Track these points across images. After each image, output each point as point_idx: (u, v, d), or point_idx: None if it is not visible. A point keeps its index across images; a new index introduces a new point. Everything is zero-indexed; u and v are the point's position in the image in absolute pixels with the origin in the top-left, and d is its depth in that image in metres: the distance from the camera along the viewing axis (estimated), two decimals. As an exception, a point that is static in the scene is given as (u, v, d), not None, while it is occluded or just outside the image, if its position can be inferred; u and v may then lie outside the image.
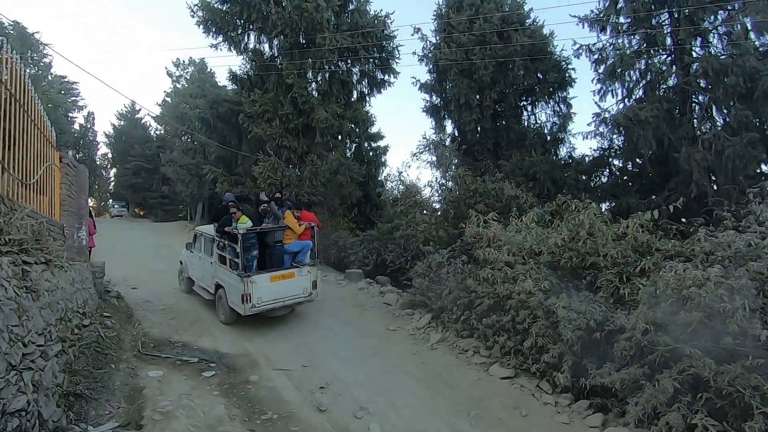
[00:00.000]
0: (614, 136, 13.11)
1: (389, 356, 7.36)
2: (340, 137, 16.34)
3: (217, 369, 6.36)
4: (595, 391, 5.36)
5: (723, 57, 10.53)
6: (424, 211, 12.77)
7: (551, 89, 14.96)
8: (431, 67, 15.79)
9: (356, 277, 11.80)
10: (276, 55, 15.70)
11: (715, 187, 10.81)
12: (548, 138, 14.94)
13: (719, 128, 10.57)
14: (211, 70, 29.68)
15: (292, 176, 14.56)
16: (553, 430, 5.17)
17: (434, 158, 13.08)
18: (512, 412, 5.58)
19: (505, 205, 10.32)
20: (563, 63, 14.54)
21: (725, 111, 10.80)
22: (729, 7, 10.31)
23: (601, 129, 12.47)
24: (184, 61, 32.14)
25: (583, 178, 14.04)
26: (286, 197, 11.97)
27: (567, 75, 14.73)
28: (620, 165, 13.83)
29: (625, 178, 13.95)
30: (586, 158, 14.31)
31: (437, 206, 12.95)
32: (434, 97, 16.29)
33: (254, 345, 7.53)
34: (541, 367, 6.04)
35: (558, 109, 15.22)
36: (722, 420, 4.12)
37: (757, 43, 10.47)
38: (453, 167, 12.65)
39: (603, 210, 11.41)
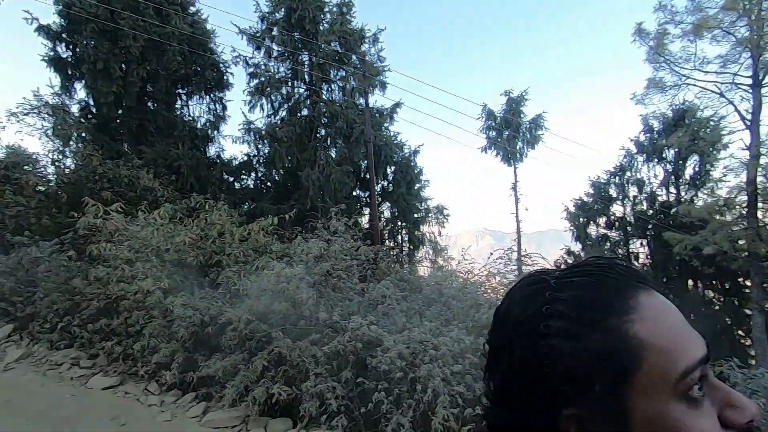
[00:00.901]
0: (260, 146, 14.64)
1: None
2: None
3: None
4: (204, 382, 5.72)
5: (338, 105, 13.86)
6: (24, 192, 9.78)
7: (209, 86, 15.00)
8: (61, 9, 12.45)
9: None
10: None
11: (326, 203, 14.04)
12: (199, 134, 14.85)
13: (331, 158, 13.81)
14: None
15: None
16: (154, 431, 5.11)
17: (49, 125, 10.31)
18: (109, 424, 5.11)
19: (139, 196, 9.43)
20: (221, 64, 14.92)
21: (336, 145, 14.22)
22: (345, 69, 13.74)
23: (248, 137, 13.62)
24: None
25: (230, 179, 14.83)
26: None
27: (225, 78, 15.22)
28: (263, 172, 15.55)
29: (267, 184, 15.80)
30: (234, 161, 15.22)
31: (43, 188, 10.21)
32: (63, 49, 12.92)
33: None
34: (151, 369, 5.86)
35: (214, 107, 15.43)
36: (292, 385, 5.33)
37: (358, 101, 14.44)
38: (76, 142, 10.39)
39: (243, 212, 12.45)
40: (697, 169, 16.93)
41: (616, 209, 18.86)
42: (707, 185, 16.34)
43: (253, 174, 15.61)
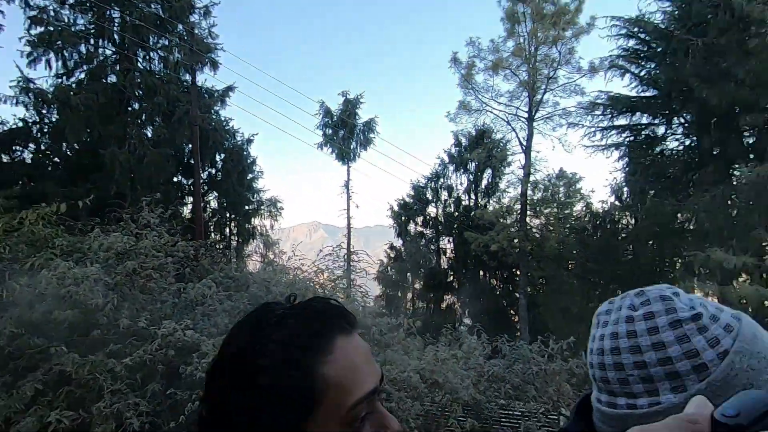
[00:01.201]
0: (45, 112, 11.64)
1: None
2: None
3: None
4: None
5: (157, 77, 12.08)
6: None
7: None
8: None
9: None
10: None
11: (136, 189, 12.04)
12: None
13: (146, 137, 11.94)
14: None
15: None
16: None
17: None
18: None
19: None
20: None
21: (153, 123, 12.37)
22: (168, 38, 12.05)
23: (25, 98, 10.67)
24: None
25: (-7, 149, 11.38)
26: None
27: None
28: (48, 144, 12.42)
29: (54, 160, 12.67)
30: (2, 126, 11.74)
31: None
32: None
33: None
34: None
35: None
36: (79, 408, 4.42)
37: (184, 77, 12.84)
38: None
39: (14, 193, 9.68)
40: (490, 180, 20.70)
41: (431, 210, 21.64)
42: (496, 194, 20.16)
43: (32, 146, 12.34)
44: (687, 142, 10.90)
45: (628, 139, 12.96)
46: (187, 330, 4.66)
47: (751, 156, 9.13)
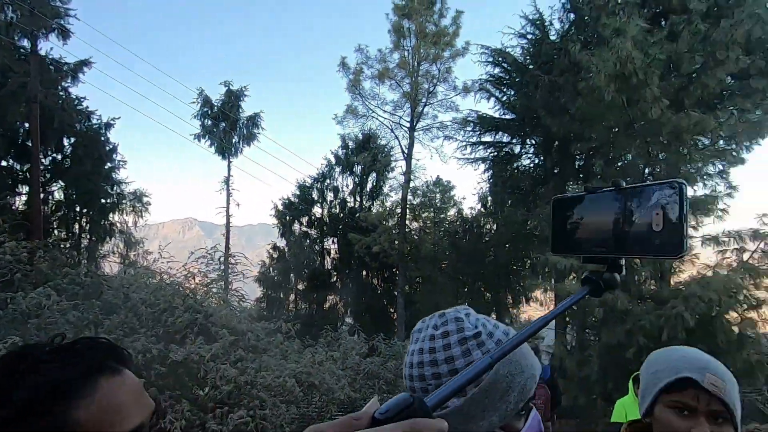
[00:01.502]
0: None
1: None
2: None
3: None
4: None
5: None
6: None
7: None
8: None
9: None
10: None
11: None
12: None
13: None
14: None
15: None
16: None
17: None
18: None
19: None
20: None
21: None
22: None
23: None
24: None
25: None
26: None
27: None
28: None
29: None
30: None
31: None
32: None
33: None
34: None
35: None
36: None
37: (21, 43, 10.68)
38: None
39: None
40: (375, 183, 21.46)
41: (317, 211, 21.58)
42: (380, 197, 21.00)
43: None
44: (536, 161, 12.87)
45: (492, 155, 14.67)
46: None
47: (581, 176, 11.18)
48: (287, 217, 20.98)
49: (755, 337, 9.26)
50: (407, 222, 17.78)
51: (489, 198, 16.13)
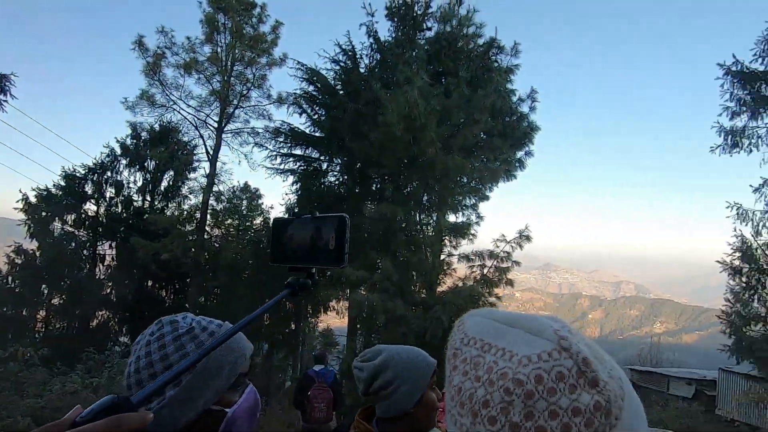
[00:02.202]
0: None
1: None
2: None
3: None
4: None
5: None
6: None
7: None
8: None
9: None
10: None
11: None
12: None
13: None
14: None
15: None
16: None
17: None
18: None
19: None
20: None
21: None
22: None
23: None
24: None
25: None
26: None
27: None
28: None
29: None
30: None
31: None
32: None
33: None
34: None
35: None
36: None
37: None
38: None
39: None
40: (171, 183, 19.15)
41: (90, 208, 17.83)
42: (176, 199, 18.84)
43: None
44: (341, 179, 13.86)
45: (301, 168, 15.07)
46: None
47: (377, 197, 12.59)
48: (43, 213, 16.64)
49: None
50: (207, 228, 16.48)
51: (296, 209, 16.45)
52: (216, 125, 15.41)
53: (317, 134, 14.12)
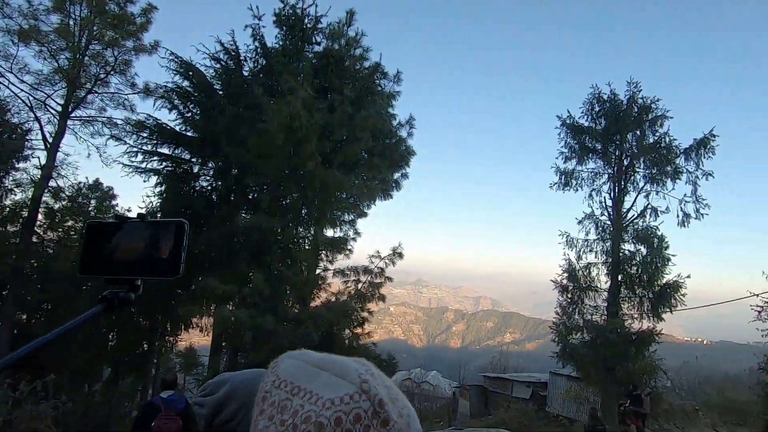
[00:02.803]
0: None
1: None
2: None
3: None
4: None
5: None
6: None
7: None
8: None
9: None
10: None
11: None
12: None
13: None
14: None
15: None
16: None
17: None
18: None
19: None
20: None
21: None
22: None
23: None
24: None
25: None
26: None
27: None
28: None
29: None
30: None
31: None
32: None
33: None
34: None
35: None
36: None
37: None
38: None
39: None
40: (-11, 172, 15.43)
41: None
42: (-4, 192, 15.26)
43: None
44: (213, 185, 12.83)
45: (167, 169, 13.58)
46: None
47: (253, 207, 11.95)
48: None
49: (359, 348, 12.32)
50: (39, 230, 13.67)
51: (159, 215, 14.69)
52: (59, 109, 13.03)
53: (189, 134, 12.94)
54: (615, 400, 16.50)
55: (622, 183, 17.89)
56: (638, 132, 17.69)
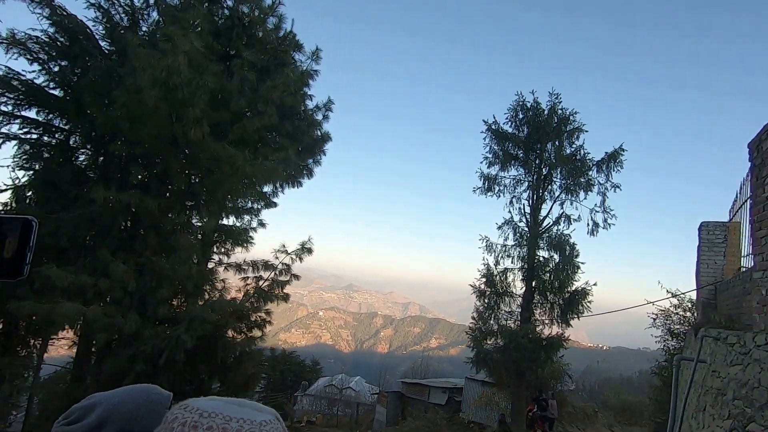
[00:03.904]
0: None
1: None
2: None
3: None
4: None
5: None
6: None
7: None
8: None
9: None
10: None
11: None
12: None
13: None
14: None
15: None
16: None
17: None
18: None
19: None
20: None
21: None
22: None
23: None
24: None
25: None
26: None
27: None
28: None
29: None
30: None
31: None
32: None
33: None
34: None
35: None
36: None
37: None
38: None
39: None
40: None
41: None
42: None
43: None
44: (82, 157, 10.59)
45: (32, 138, 11.06)
46: None
47: (121, 182, 9.86)
48: None
49: (253, 353, 10.79)
50: None
51: (29, 194, 11.95)
52: None
53: (57, 94, 10.59)
54: (525, 404, 16.53)
55: (540, 191, 18.22)
56: (557, 142, 18.17)
